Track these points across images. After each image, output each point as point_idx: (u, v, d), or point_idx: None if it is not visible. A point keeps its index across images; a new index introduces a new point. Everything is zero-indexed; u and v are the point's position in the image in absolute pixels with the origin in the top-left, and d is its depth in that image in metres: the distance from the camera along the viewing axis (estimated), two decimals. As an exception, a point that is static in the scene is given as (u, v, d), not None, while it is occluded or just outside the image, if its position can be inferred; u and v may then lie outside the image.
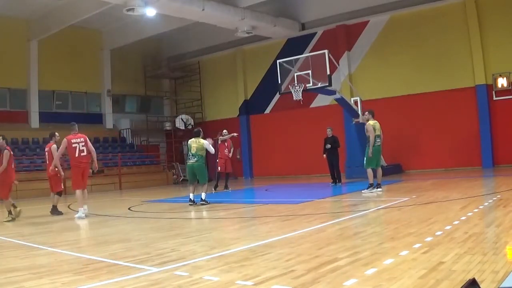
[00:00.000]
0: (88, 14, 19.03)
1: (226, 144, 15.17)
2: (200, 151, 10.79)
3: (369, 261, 4.20)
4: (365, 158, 11.23)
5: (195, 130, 11.51)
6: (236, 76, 24.75)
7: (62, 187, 10.58)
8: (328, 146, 14.32)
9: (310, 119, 21.51)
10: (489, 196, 8.93)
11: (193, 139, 11.02)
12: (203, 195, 10.84)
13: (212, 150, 11.34)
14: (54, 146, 10.28)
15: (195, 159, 10.77)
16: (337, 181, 14.45)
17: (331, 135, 14.51)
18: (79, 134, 9.83)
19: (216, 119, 25.17)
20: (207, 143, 11.07)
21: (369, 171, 11.07)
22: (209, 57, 25.70)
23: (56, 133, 10.66)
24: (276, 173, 22.80)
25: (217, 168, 15.20)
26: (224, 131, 15.56)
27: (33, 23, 21.09)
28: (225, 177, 15.52)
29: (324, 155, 14.51)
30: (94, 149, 9.99)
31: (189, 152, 11.06)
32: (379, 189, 11.05)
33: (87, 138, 9.91)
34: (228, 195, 14.02)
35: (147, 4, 16.82)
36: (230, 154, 15.33)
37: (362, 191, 11.07)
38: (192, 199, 10.80)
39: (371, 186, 11.01)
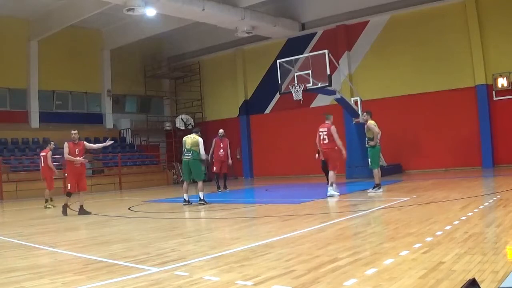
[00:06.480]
0: (88, 14, 19.04)
1: (222, 145, 14.92)
2: (194, 146, 10.67)
3: (369, 261, 4.20)
4: (369, 159, 11.22)
5: (196, 128, 11.52)
6: (236, 76, 24.75)
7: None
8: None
9: (310, 119, 21.42)
10: (489, 196, 8.94)
11: (189, 135, 10.99)
12: (201, 195, 10.71)
13: (202, 150, 10.77)
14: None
15: (190, 154, 10.65)
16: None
17: None
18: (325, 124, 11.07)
19: (216, 119, 25.14)
20: (201, 141, 10.79)
21: (376, 171, 11.08)
22: (209, 57, 25.69)
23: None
24: (276, 173, 22.78)
25: (213, 169, 15.21)
26: (221, 131, 15.36)
27: (33, 23, 21.09)
28: (223, 177, 15.49)
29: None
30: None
31: (184, 148, 10.93)
32: (379, 190, 11.06)
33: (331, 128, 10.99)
34: (228, 195, 14.01)
35: (147, 4, 16.82)
36: (221, 153, 14.78)
37: (368, 190, 11.06)
38: (187, 199, 10.72)
39: (377, 186, 11.01)
